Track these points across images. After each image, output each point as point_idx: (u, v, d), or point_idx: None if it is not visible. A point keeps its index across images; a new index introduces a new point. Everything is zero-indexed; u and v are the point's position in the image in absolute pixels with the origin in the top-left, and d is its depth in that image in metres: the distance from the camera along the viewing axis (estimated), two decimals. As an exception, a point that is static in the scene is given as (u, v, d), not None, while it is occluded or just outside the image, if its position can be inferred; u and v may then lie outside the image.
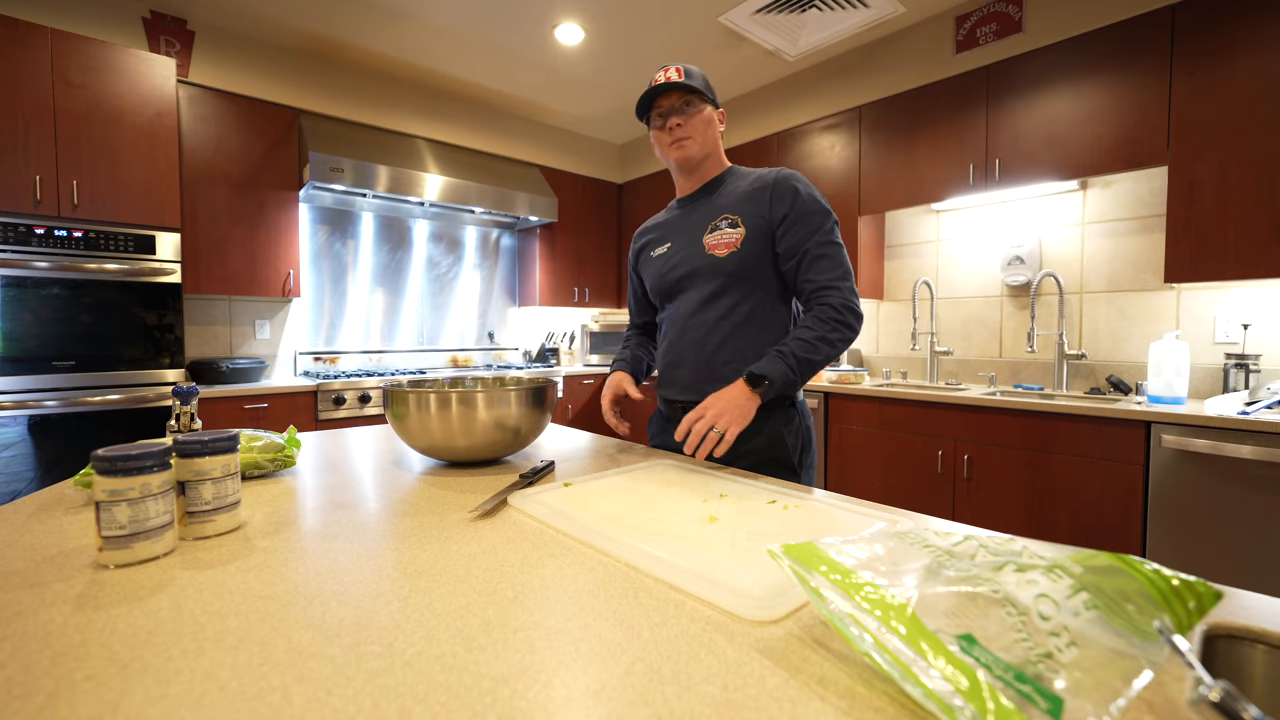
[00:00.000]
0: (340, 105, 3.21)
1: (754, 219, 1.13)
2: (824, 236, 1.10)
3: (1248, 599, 0.51)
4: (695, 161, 1.20)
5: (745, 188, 1.17)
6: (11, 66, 2.12)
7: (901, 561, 0.43)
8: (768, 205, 1.12)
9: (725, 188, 1.21)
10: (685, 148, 1.18)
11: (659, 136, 1.21)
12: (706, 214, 1.20)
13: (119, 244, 2.33)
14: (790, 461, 1.12)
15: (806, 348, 1.04)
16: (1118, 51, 2.19)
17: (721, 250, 1.14)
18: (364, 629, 0.47)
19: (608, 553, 0.63)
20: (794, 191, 1.12)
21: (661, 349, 1.27)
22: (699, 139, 1.18)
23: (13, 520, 0.74)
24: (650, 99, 1.17)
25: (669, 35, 2.95)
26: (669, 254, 1.24)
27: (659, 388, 1.29)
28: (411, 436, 1.00)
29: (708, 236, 1.17)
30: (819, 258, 1.09)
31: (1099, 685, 0.32)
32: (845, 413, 2.72)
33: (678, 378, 1.21)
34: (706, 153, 1.20)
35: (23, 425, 2.15)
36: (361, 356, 3.51)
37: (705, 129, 1.18)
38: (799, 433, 1.15)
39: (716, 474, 0.97)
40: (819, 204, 1.12)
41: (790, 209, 1.11)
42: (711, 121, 1.20)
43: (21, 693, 0.38)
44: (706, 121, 1.19)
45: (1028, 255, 2.66)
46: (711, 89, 1.20)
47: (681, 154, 1.18)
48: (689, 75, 1.15)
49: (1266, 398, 1.86)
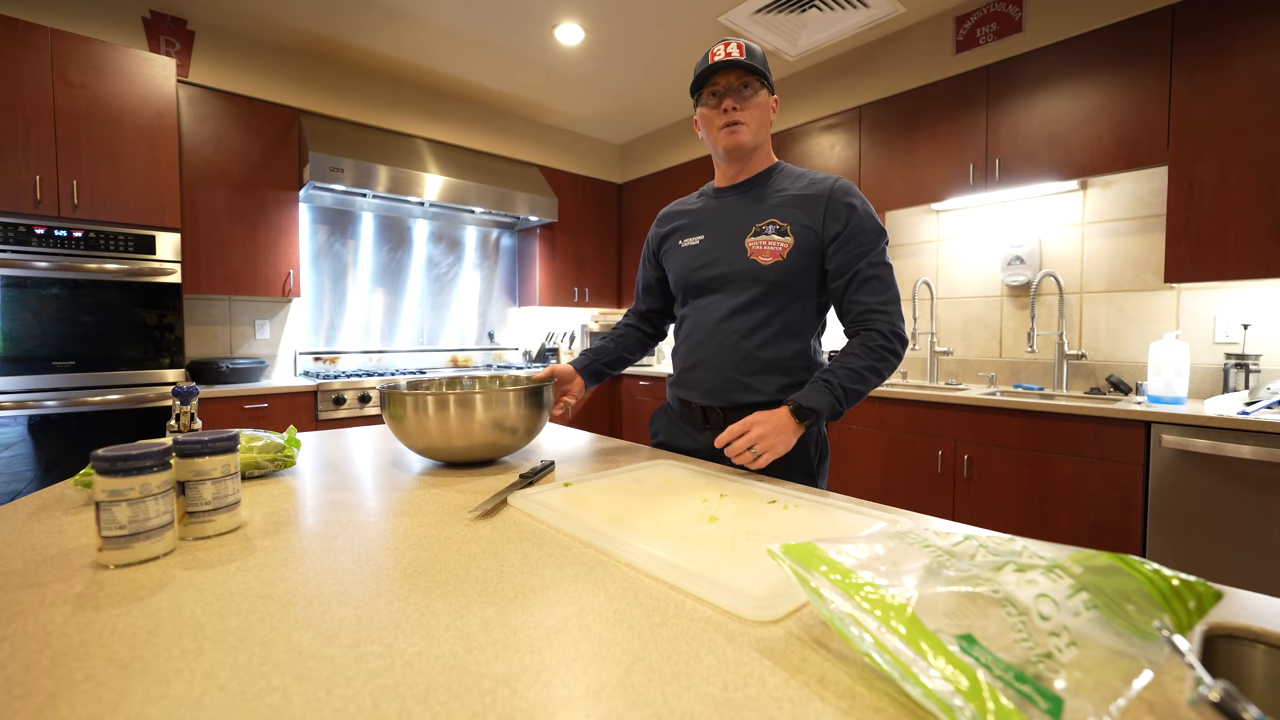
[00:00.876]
0: (340, 105, 3.21)
1: (803, 229, 1.07)
2: (877, 258, 1.06)
3: (1248, 599, 0.51)
4: (746, 150, 1.12)
5: (795, 191, 1.11)
6: (11, 66, 2.12)
7: (901, 561, 0.43)
8: (821, 218, 1.07)
9: (772, 186, 1.14)
10: (738, 134, 1.09)
11: (710, 117, 1.11)
12: (750, 213, 1.12)
13: (119, 244, 2.33)
14: (810, 469, 1.12)
15: (855, 378, 1.00)
16: (1117, 51, 2.19)
17: (766, 258, 1.08)
18: (364, 629, 0.47)
19: (608, 553, 0.63)
20: (850, 208, 1.06)
21: (683, 348, 1.20)
22: (753, 126, 1.10)
23: (13, 520, 0.74)
24: (707, 75, 1.08)
25: (669, 35, 2.95)
26: (703, 248, 1.16)
27: (675, 386, 1.23)
28: (409, 438, 1.00)
29: (751, 239, 1.10)
30: (870, 279, 1.05)
31: (1099, 685, 0.32)
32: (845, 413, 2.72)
33: (699, 381, 1.15)
34: (758, 143, 1.12)
35: (23, 425, 2.15)
36: (361, 356, 3.51)
37: (760, 116, 1.10)
38: (819, 443, 1.14)
39: (716, 474, 0.97)
40: (874, 222, 1.07)
41: (845, 227, 1.06)
42: (767, 108, 1.12)
43: (21, 693, 0.38)
44: (762, 107, 1.10)
45: (1028, 255, 2.66)
46: (770, 73, 1.13)
47: (733, 140, 1.10)
48: (750, 54, 1.06)
49: (1266, 398, 1.86)
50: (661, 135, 4.24)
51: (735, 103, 1.08)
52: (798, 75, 3.35)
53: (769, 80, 1.10)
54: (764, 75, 1.08)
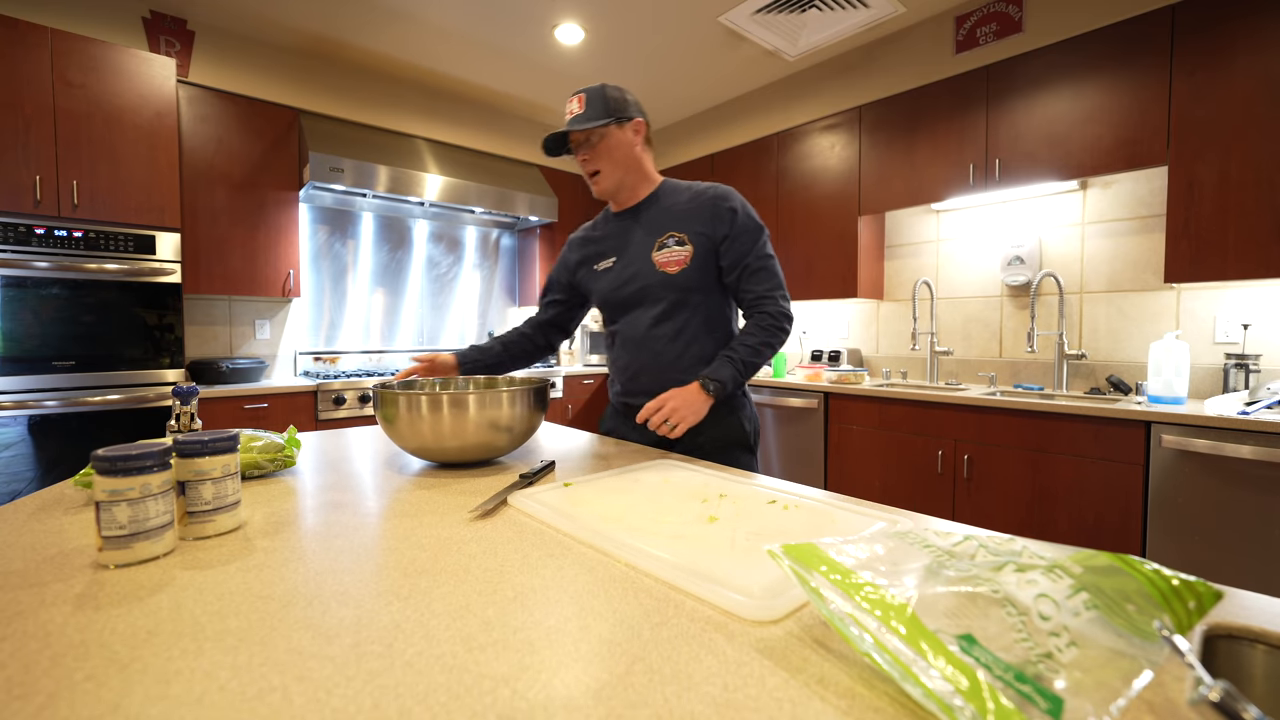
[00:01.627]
0: (340, 105, 3.21)
1: (698, 235, 1.21)
2: (760, 251, 1.21)
3: (1248, 599, 0.51)
4: (612, 192, 1.26)
5: (684, 204, 1.24)
6: (11, 66, 2.12)
7: (901, 561, 0.43)
8: (710, 224, 1.21)
9: (663, 204, 1.26)
10: (598, 182, 1.24)
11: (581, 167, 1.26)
12: (651, 230, 1.25)
13: (119, 244, 2.33)
14: (749, 444, 1.27)
15: (752, 352, 1.18)
16: (1117, 51, 2.19)
17: (673, 268, 1.21)
18: (364, 629, 0.47)
19: (608, 553, 0.63)
20: (732, 212, 1.21)
21: (620, 359, 1.33)
22: (609, 169, 1.22)
23: (13, 520, 0.74)
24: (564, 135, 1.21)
25: (668, 35, 2.95)
26: (618, 269, 1.28)
27: (621, 395, 1.35)
28: (401, 438, 0.99)
29: (657, 254, 1.23)
30: (757, 270, 1.21)
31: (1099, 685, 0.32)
32: (845, 413, 2.72)
33: (642, 387, 1.28)
34: (620, 179, 1.24)
35: (23, 425, 2.15)
36: (361, 356, 3.51)
37: (613, 155, 1.21)
38: (751, 419, 1.30)
39: (716, 474, 0.97)
40: (754, 221, 1.22)
41: (731, 228, 1.20)
42: (620, 143, 1.21)
43: (21, 693, 0.38)
44: (614, 147, 1.21)
45: (1028, 255, 2.66)
46: (619, 104, 1.20)
47: (597, 189, 1.25)
48: (589, 103, 1.17)
49: (1266, 398, 1.86)
50: (661, 135, 4.24)
51: (586, 154, 1.22)
52: (798, 75, 3.35)
53: (616, 115, 1.18)
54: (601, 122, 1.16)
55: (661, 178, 1.31)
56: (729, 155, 3.65)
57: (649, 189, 1.28)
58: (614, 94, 1.19)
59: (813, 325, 3.60)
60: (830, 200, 3.12)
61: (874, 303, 3.28)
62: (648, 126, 1.25)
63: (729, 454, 1.23)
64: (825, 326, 3.53)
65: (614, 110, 1.18)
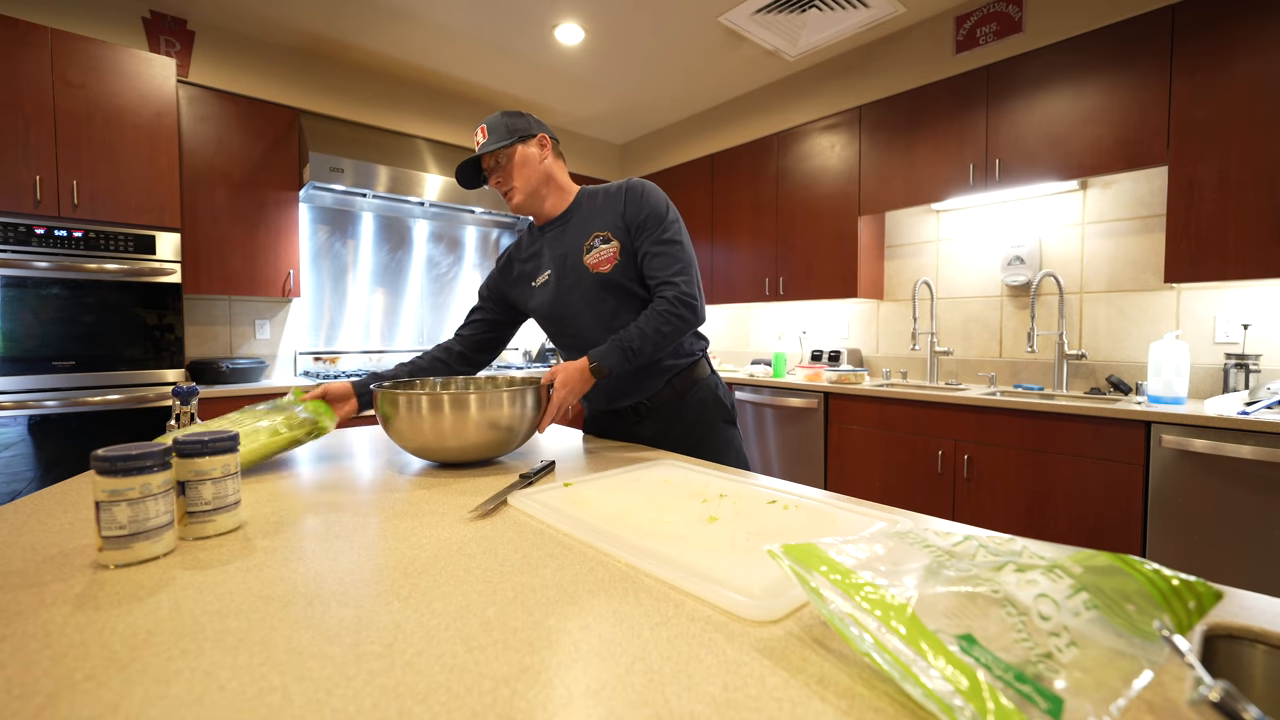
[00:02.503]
0: (340, 105, 3.21)
1: (619, 230, 1.23)
2: (661, 234, 1.20)
3: (1248, 599, 0.51)
4: (529, 207, 1.27)
5: (602, 203, 1.26)
6: (11, 66, 2.12)
7: (901, 561, 0.43)
8: (622, 214, 1.23)
9: (584, 210, 1.28)
10: (512, 197, 1.25)
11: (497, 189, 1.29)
12: (577, 236, 1.26)
13: (119, 244, 2.33)
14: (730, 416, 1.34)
15: (641, 336, 1.16)
16: (1117, 51, 2.19)
17: (605, 266, 1.23)
18: (364, 629, 0.47)
19: (608, 553, 0.63)
20: (639, 198, 1.22)
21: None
22: (520, 185, 1.24)
23: (13, 520, 0.74)
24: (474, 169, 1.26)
25: (669, 35, 2.95)
26: (554, 281, 1.28)
27: (588, 402, 1.37)
28: (402, 438, 0.99)
29: (588, 257, 1.24)
30: (657, 255, 1.20)
31: (1099, 685, 0.32)
32: (845, 413, 2.72)
33: (601, 393, 1.30)
34: (535, 191, 1.26)
35: (23, 425, 2.15)
36: (361, 356, 3.51)
37: (522, 171, 1.23)
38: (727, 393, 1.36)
39: (716, 474, 0.97)
40: (660, 206, 1.22)
41: (639, 215, 1.21)
42: (526, 160, 1.23)
43: (21, 693, 0.38)
44: (520, 164, 1.23)
45: (1028, 255, 2.66)
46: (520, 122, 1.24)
47: (514, 205, 1.26)
48: (491, 130, 1.21)
49: (1266, 398, 1.86)
50: (661, 135, 4.24)
51: (498, 177, 1.25)
52: (798, 75, 3.35)
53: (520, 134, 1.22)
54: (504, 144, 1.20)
55: (578, 187, 1.33)
56: (729, 155, 3.65)
57: (567, 200, 1.30)
58: (513, 118, 1.23)
59: (813, 325, 3.60)
60: (830, 200, 3.12)
61: (874, 303, 3.28)
62: (554, 141, 1.29)
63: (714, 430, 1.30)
64: (825, 326, 3.53)
65: (516, 130, 1.22)
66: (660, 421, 1.30)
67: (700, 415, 1.30)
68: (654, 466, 1.01)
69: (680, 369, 1.30)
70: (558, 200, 1.30)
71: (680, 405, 1.30)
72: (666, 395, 1.29)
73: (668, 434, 1.29)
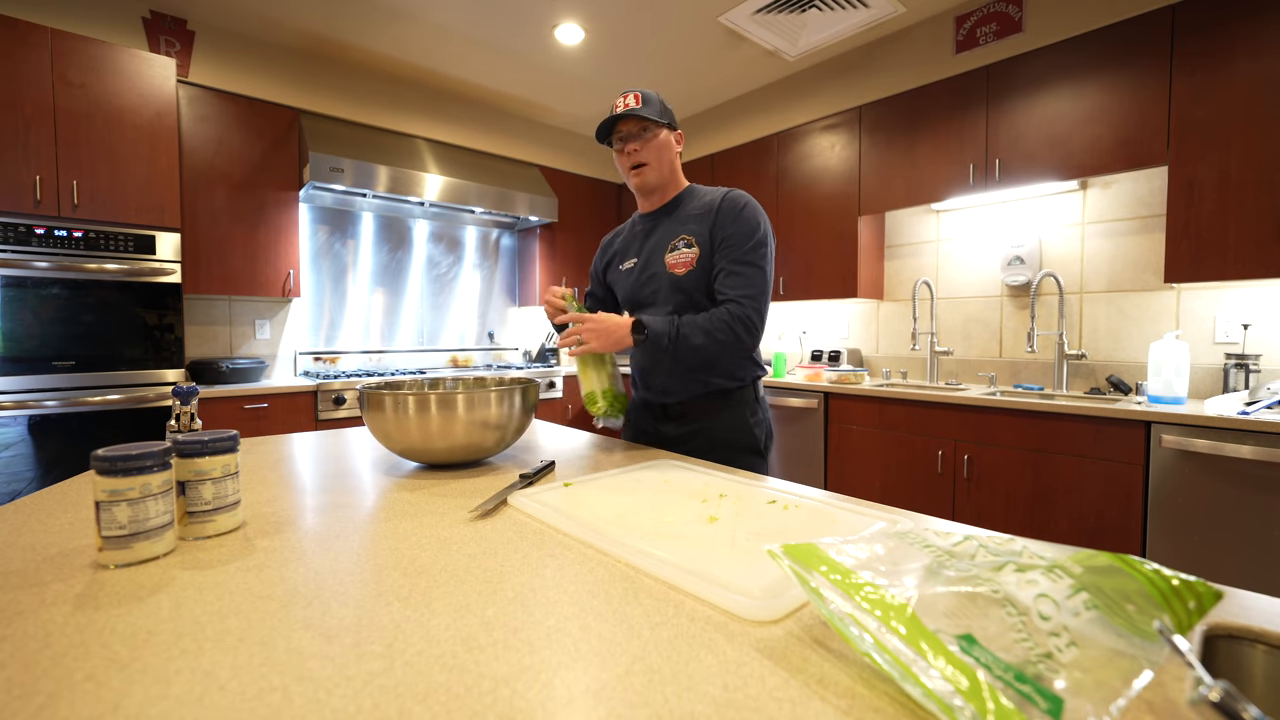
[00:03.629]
0: (340, 105, 3.21)
1: (704, 238, 1.23)
2: (743, 255, 1.19)
3: (1248, 599, 0.51)
4: (652, 186, 1.29)
5: (698, 208, 1.27)
6: (11, 66, 2.11)
7: (901, 561, 0.43)
8: (713, 225, 1.22)
9: (683, 208, 1.30)
10: (643, 174, 1.27)
11: (620, 159, 1.29)
12: (667, 233, 1.29)
13: (119, 244, 2.33)
14: (758, 448, 1.28)
15: (693, 328, 1.15)
16: (1117, 52, 2.19)
17: (680, 269, 1.24)
18: (364, 629, 0.47)
19: (608, 553, 0.63)
20: (734, 214, 1.21)
21: (636, 359, 1.35)
22: (654, 165, 1.26)
23: (13, 520, 0.74)
24: (610, 125, 1.25)
25: (669, 35, 2.95)
26: (636, 270, 1.33)
27: (638, 389, 1.40)
28: (389, 440, 0.97)
29: (669, 255, 1.26)
30: (733, 273, 1.19)
31: (1099, 685, 0.32)
32: (845, 413, 2.72)
33: (653, 384, 1.32)
34: (663, 177, 1.29)
35: (23, 425, 2.15)
36: (361, 356, 3.51)
37: (660, 154, 1.26)
38: (763, 425, 1.31)
39: (716, 474, 0.97)
40: (750, 226, 1.20)
41: (727, 232, 1.21)
42: (667, 145, 1.27)
43: (21, 693, 0.38)
44: (662, 146, 1.26)
45: (1028, 255, 2.66)
46: (670, 113, 1.28)
47: (639, 180, 1.28)
48: (646, 102, 1.23)
49: (1266, 398, 1.86)
50: (661, 135, 4.23)
51: (636, 145, 1.24)
52: (798, 75, 3.35)
53: (668, 121, 1.25)
54: (658, 120, 1.23)
55: (688, 183, 1.35)
56: (729, 155, 3.65)
57: (677, 191, 1.33)
58: (666, 104, 1.27)
59: (813, 325, 3.60)
60: (830, 200, 3.12)
61: (874, 303, 3.28)
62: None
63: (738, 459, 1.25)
64: (825, 326, 3.53)
65: (668, 115, 1.26)
66: (688, 429, 1.29)
67: (729, 440, 1.28)
68: (654, 467, 1.01)
69: (725, 389, 1.27)
70: (669, 193, 1.33)
71: (713, 424, 1.27)
72: (702, 408, 1.27)
73: (692, 445, 1.28)
